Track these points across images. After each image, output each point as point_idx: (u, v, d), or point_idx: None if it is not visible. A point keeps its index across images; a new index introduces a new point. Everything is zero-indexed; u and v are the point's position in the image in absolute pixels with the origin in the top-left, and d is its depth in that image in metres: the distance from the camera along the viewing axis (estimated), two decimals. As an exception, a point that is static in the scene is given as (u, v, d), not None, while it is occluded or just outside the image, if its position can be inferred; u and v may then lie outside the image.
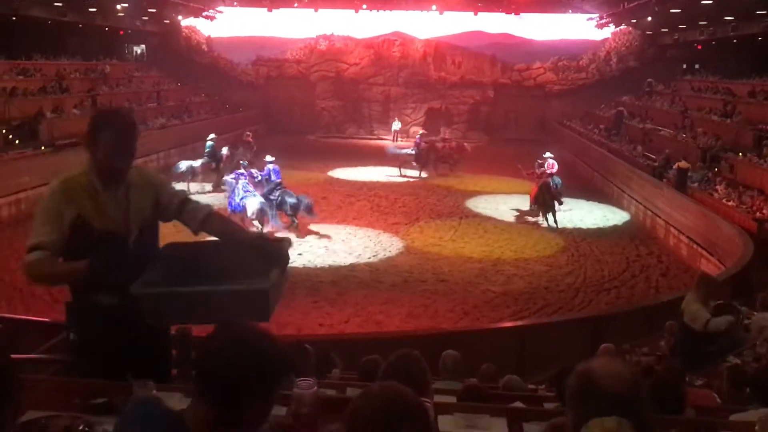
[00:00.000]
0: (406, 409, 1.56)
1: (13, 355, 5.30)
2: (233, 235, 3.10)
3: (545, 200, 17.00)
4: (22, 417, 2.34)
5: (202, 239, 3.22)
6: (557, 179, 18.58)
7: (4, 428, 1.89)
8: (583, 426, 1.85)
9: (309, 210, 15.44)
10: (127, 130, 2.94)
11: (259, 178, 16.09)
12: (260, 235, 2.97)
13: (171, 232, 3.35)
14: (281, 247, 2.98)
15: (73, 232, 2.86)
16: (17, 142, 19.68)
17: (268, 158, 16.58)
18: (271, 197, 15.20)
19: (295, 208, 15.25)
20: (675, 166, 18.59)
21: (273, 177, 16.02)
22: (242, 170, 16.12)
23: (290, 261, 3.01)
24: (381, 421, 1.53)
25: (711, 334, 6.51)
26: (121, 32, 33.71)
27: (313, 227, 16.37)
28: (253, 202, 14.78)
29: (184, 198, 3.14)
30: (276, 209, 15.26)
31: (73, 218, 2.86)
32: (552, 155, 19.96)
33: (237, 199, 15.04)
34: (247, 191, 15.15)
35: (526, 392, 4.75)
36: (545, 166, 19.06)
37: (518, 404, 3.58)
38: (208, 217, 3.10)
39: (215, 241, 3.15)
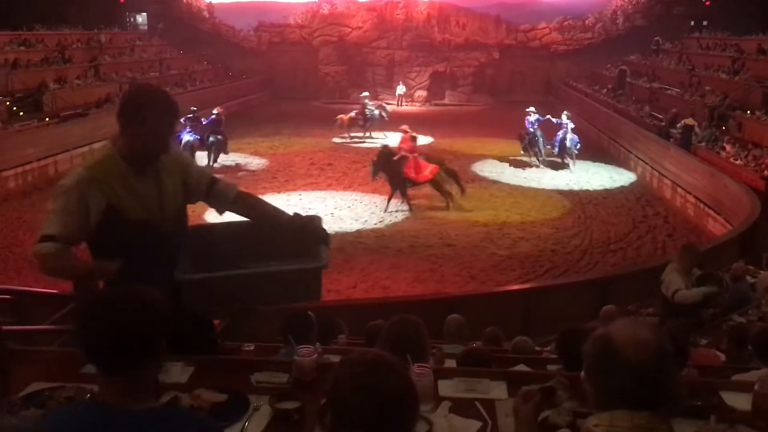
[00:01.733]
0: (386, 370, 1.56)
1: (23, 326, 5.39)
2: (268, 214, 2.97)
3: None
4: (28, 388, 2.38)
5: (225, 221, 3.07)
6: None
7: None
8: (606, 402, 1.70)
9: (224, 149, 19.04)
10: (171, 110, 2.72)
11: (204, 122, 19.22)
12: (297, 214, 2.88)
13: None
14: (317, 224, 2.86)
15: (104, 222, 2.66)
16: (21, 114, 19.66)
17: (215, 111, 19.45)
18: (210, 138, 18.48)
19: (211, 144, 18.48)
20: (681, 123, 18.47)
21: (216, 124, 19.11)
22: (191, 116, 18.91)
23: (329, 238, 2.87)
24: (362, 383, 1.53)
25: (681, 305, 6.40)
26: (122, 0, 33.37)
27: (319, 193, 16.39)
28: (187, 137, 17.97)
29: (211, 178, 2.99)
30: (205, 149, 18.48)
31: (103, 208, 2.63)
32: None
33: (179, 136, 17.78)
34: (188, 130, 18.17)
35: (530, 355, 4.78)
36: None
37: (522, 367, 3.62)
38: (238, 197, 2.97)
39: (242, 222, 3.01)
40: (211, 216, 14.53)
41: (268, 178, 18.14)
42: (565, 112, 20.04)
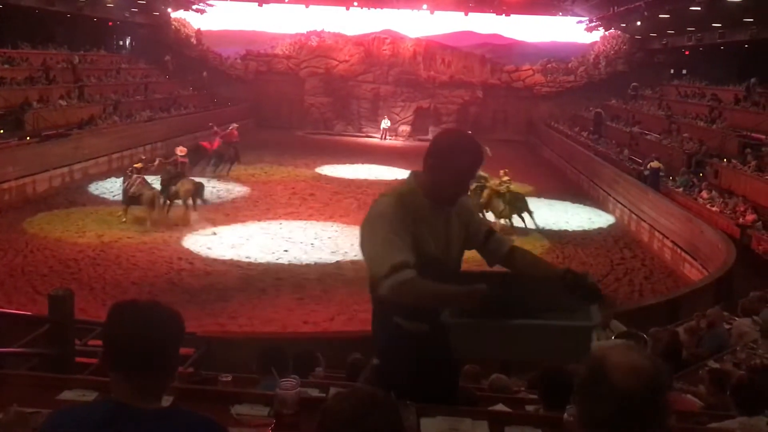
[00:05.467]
0: (375, 404, 1.58)
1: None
2: (540, 268, 2.95)
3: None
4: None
5: (487, 270, 3.01)
6: None
7: None
8: (591, 427, 1.60)
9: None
10: (478, 157, 2.73)
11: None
12: (569, 270, 2.81)
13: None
14: (591, 280, 2.76)
15: None
16: (2, 131, 19.49)
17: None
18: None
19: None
20: (648, 166, 18.87)
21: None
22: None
23: (601, 297, 2.77)
24: (350, 415, 1.55)
25: None
26: (110, 23, 33.45)
27: (300, 223, 16.35)
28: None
29: (488, 228, 3.02)
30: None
31: (410, 238, 2.61)
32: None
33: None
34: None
35: (509, 394, 4.76)
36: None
37: (500, 406, 3.60)
38: (512, 251, 2.98)
39: (503, 272, 2.97)
40: (191, 242, 14.47)
41: (249, 205, 18.09)
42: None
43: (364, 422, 1.54)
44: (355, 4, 36.97)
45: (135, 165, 16.73)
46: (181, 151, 18.77)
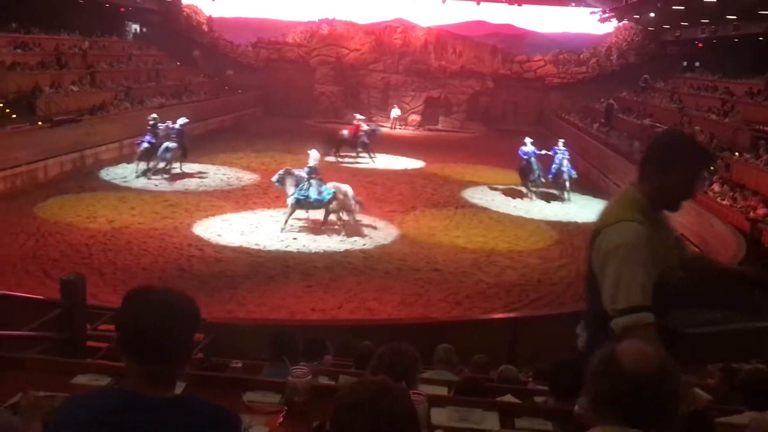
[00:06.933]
0: (389, 391, 1.61)
1: (3, 332, 5.30)
2: (718, 269, 2.95)
3: None
4: (16, 397, 2.34)
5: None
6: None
7: None
8: (599, 409, 1.74)
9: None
10: (705, 160, 2.65)
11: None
12: (746, 266, 2.83)
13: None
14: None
15: None
16: (14, 116, 19.55)
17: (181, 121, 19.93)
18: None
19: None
20: None
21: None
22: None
23: None
24: (365, 403, 1.57)
25: None
26: (122, 9, 33.45)
27: (311, 214, 16.34)
28: (146, 144, 19.05)
29: (678, 232, 2.94)
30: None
31: (656, 270, 2.46)
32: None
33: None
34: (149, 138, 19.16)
35: (518, 385, 4.77)
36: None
37: (509, 397, 3.60)
38: (693, 255, 3.03)
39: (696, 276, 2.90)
40: (201, 229, 14.52)
41: (259, 193, 18.11)
42: (560, 141, 20.34)
43: (379, 409, 1.56)
44: (367, -8, 36.95)
45: (152, 115, 19.81)
46: (182, 120, 19.74)
